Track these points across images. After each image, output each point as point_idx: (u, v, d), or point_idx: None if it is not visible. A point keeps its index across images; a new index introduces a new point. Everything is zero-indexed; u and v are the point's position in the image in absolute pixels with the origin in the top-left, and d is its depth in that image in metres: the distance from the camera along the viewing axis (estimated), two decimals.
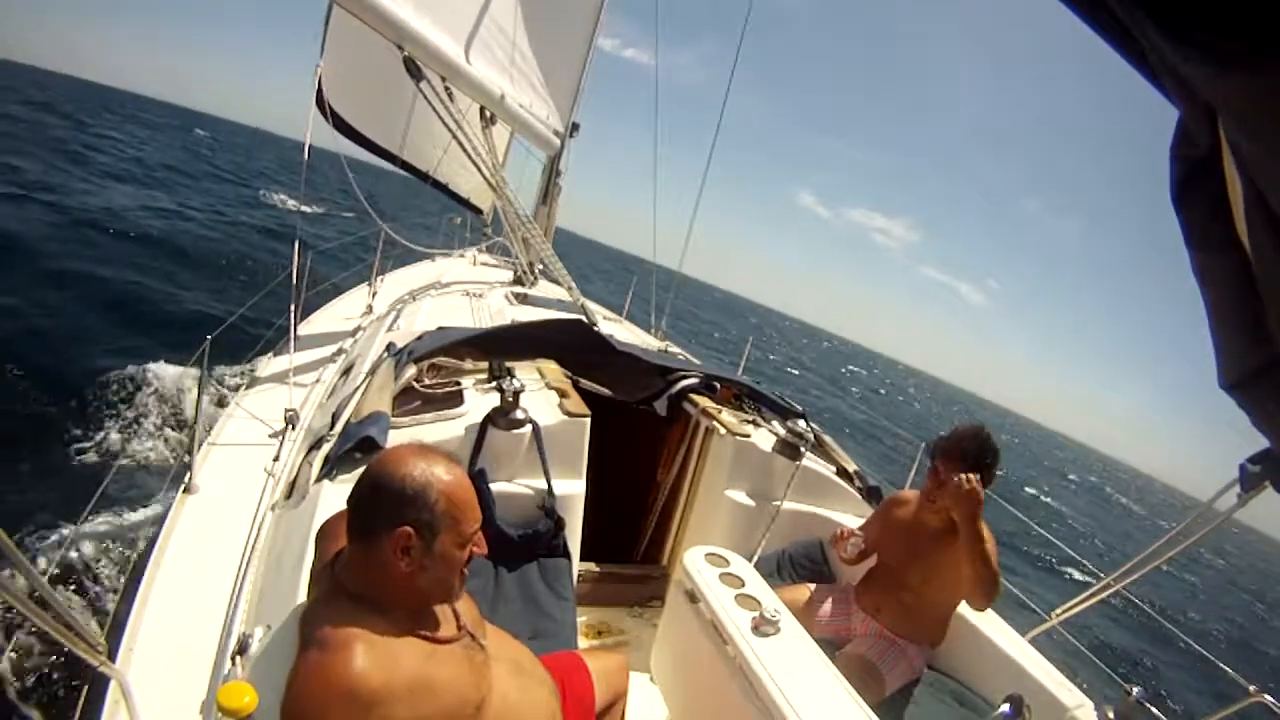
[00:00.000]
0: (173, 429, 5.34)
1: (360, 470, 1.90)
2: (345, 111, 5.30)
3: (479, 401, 2.25)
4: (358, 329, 4.02)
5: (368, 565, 1.12)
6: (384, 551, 1.10)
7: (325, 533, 1.32)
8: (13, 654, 2.91)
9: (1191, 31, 0.43)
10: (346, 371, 3.02)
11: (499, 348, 2.62)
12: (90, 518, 4.03)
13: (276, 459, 2.43)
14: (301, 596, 1.39)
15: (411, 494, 1.09)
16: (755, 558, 2.54)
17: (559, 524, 2.13)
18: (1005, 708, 1.80)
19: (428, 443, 1.20)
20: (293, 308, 3.16)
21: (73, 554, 3.68)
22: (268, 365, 3.75)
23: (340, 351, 3.68)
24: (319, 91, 4.71)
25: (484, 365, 2.49)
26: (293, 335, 3.24)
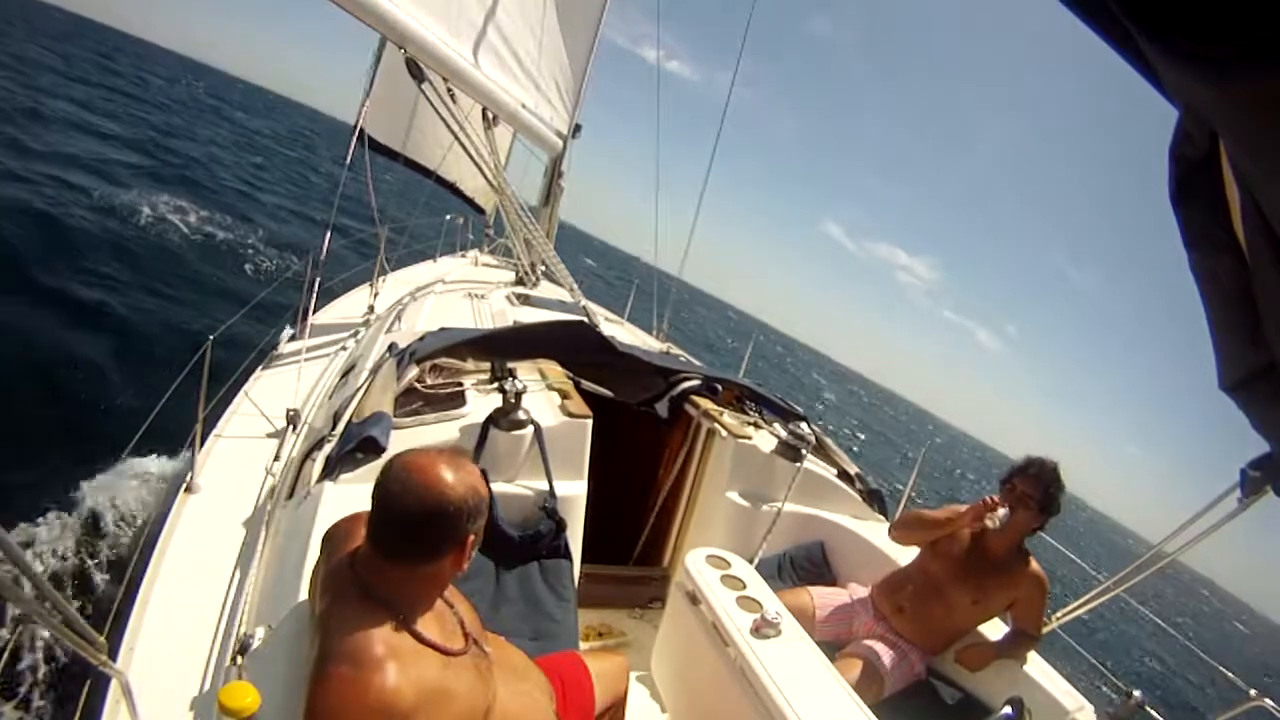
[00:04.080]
0: (173, 431, 5.34)
1: (362, 470, 1.91)
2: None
3: (481, 402, 2.25)
4: (359, 329, 4.02)
5: (417, 579, 1.14)
6: (445, 564, 1.15)
7: (334, 535, 1.31)
8: (13, 653, 2.92)
9: (1174, 39, 0.43)
10: (348, 372, 3.02)
11: (501, 348, 2.62)
12: (91, 516, 4.04)
13: (278, 459, 2.43)
14: (303, 596, 1.39)
15: (473, 507, 1.14)
16: (756, 560, 2.54)
17: (560, 525, 2.13)
18: (1006, 710, 1.81)
19: (433, 445, 1.21)
20: (301, 308, 3.17)
21: (74, 553, 3.68)
22: (269, 364, 3.76)
23: (342, 351, 3.68)
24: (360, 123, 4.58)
25: (486, 366, 2.49)
26: (295, 334, 3.24)
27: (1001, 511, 2.11)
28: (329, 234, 3.20)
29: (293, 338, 3.56)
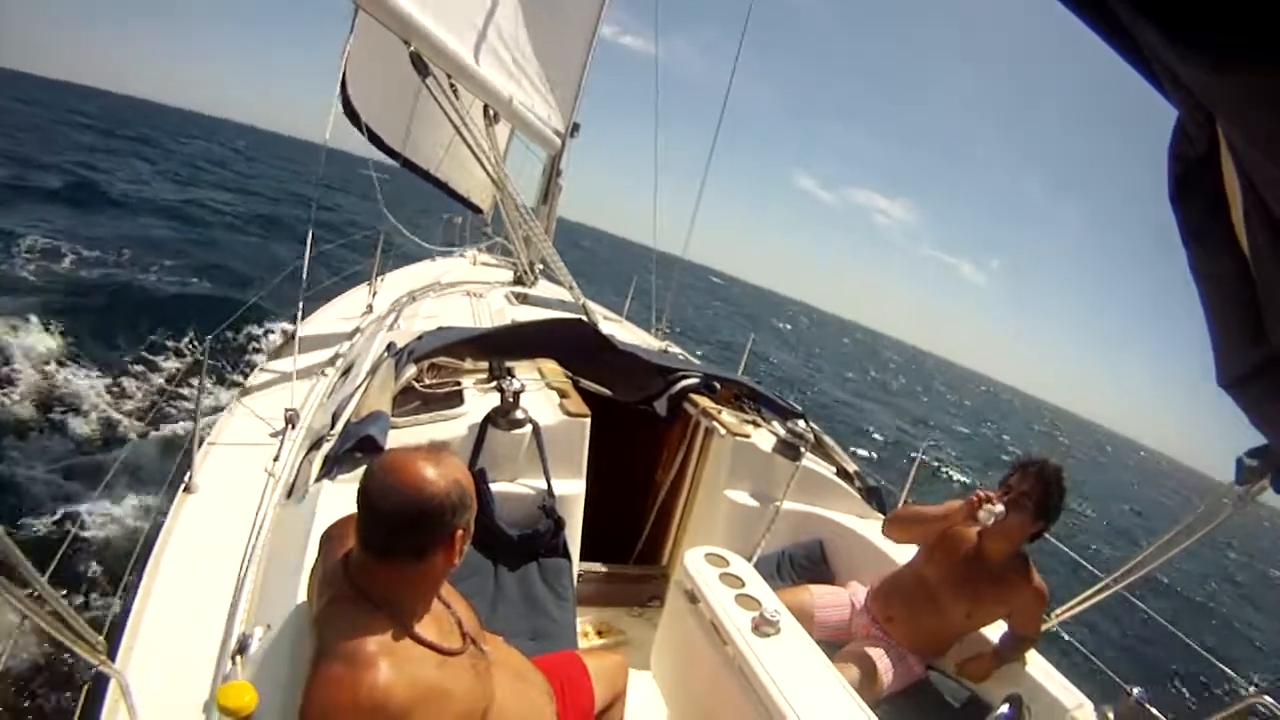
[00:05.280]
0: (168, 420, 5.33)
1: (360, 470, 1.91)
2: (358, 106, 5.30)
3: (479, 401, 2.25)
4: (358, 329, 4.01)
5: (410, 578, 1.14)
6: (437, 561, 1.14)
7: (332, 536, 1.31)
8: (12, 653, 2.91)
9: (1186, 31, 0.43)
10: (346, 371, 3.01)
11: (499, 347, 2.61)
12: (90, 516, 4.04)
13: (277, 458, 2.42)
14: (302, 596, 1.39)
15: (456, 501, 1.13)
16: (755, 558, 2.54)
17: (559, 524, 2.13)
18: (1005, 708, 1.81)
19: (420, 445, 1.21)
20: (300, 305, 3.17)
21: (72, 553, 3.68)
22: (268, 364, 3.76)
23: (340, 351, 3.68)
24: (344, 83, 4.55)
25: (484, 365, 2.49)
26: (295, 334, 3.24)
27: (998, 508, 2.03)
28: (310, 239, 3.19)
29: (291, 338, 3.56)
